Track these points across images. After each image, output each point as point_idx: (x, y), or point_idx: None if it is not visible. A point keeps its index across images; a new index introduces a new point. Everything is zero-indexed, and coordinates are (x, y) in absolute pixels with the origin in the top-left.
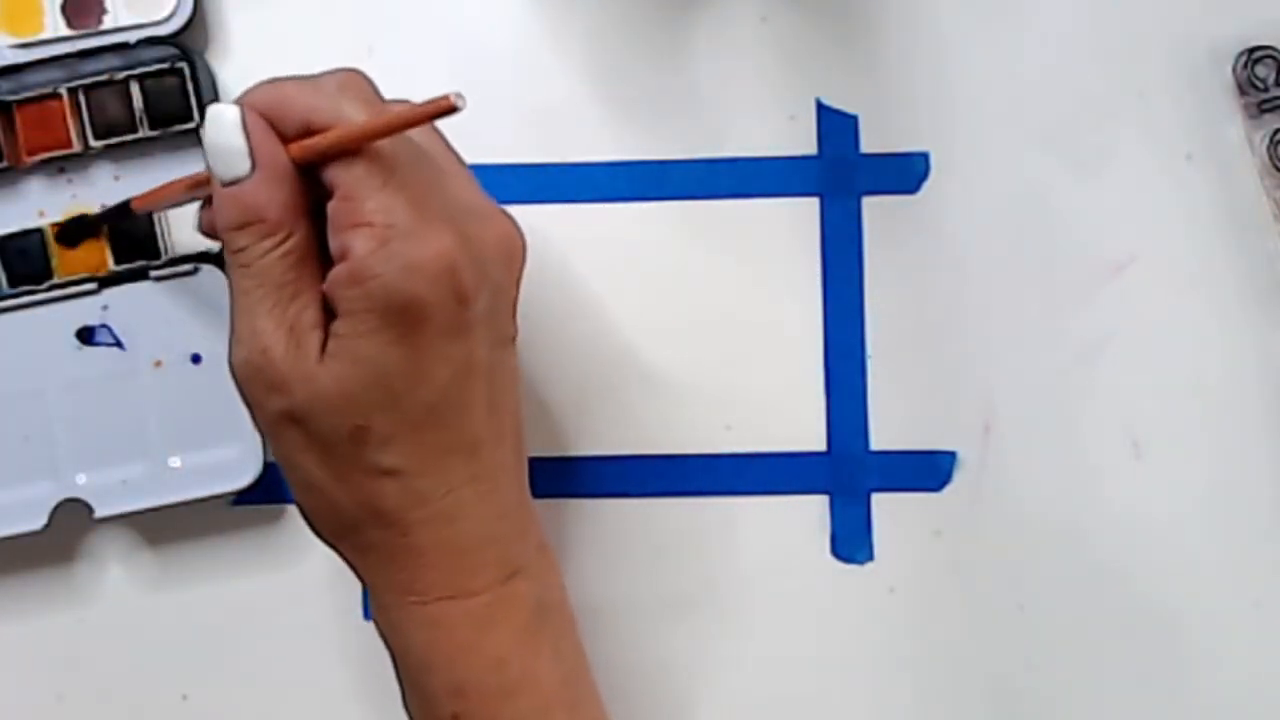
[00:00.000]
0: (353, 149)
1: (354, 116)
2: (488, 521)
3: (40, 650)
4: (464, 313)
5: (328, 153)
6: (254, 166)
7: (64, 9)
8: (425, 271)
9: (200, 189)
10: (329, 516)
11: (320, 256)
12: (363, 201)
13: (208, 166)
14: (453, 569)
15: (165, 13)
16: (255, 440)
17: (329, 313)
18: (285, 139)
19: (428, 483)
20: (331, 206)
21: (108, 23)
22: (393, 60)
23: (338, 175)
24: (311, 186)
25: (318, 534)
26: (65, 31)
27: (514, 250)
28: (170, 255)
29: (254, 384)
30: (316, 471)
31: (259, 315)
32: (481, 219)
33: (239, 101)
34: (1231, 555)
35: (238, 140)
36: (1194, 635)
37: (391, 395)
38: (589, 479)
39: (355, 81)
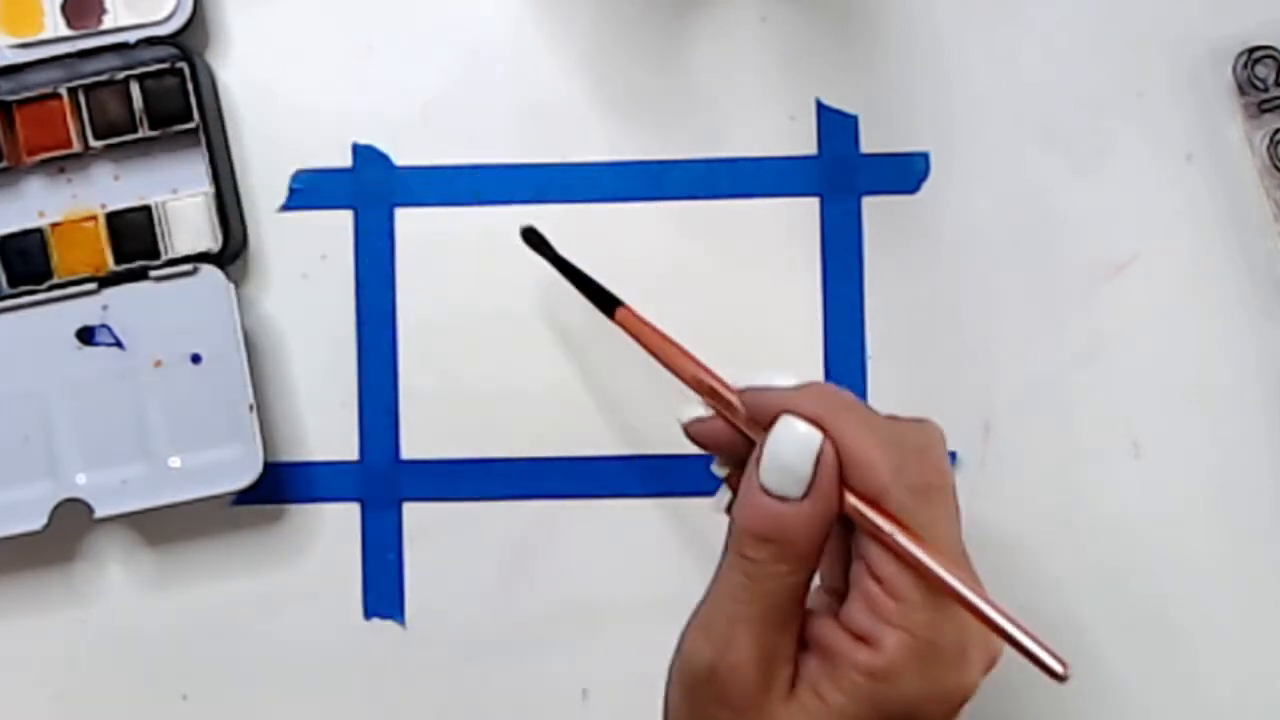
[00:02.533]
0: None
1: (927, 531)
2: None
3: (40, 650)
4: None
5: (889, 548)
6: (806, 497)
7: (64, 9)
8: (945, 699)
9: (713, 400)
10: None
11: (809, 587)
12: (913, 609)
13: (758, 461)
14: None
15: (165, 13)
16: (255, 441)
17: (801, 645)
18: (848, 485)
19: None
20: (867, 585)
21: (108, 23)
22: (393, 60)
23: (877, 556)
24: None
25: None
26: (65, 31)
27: (992, 665)
28: (169, 256)
29: (704, 689)
30: None
31: (738, 630)
32: (980, 634)
33: (823, 427)
34: (1231, 555)
35: (806, 468)
36: (1194, 635)
37: None
38: (589, 479)
39: (936, 480)
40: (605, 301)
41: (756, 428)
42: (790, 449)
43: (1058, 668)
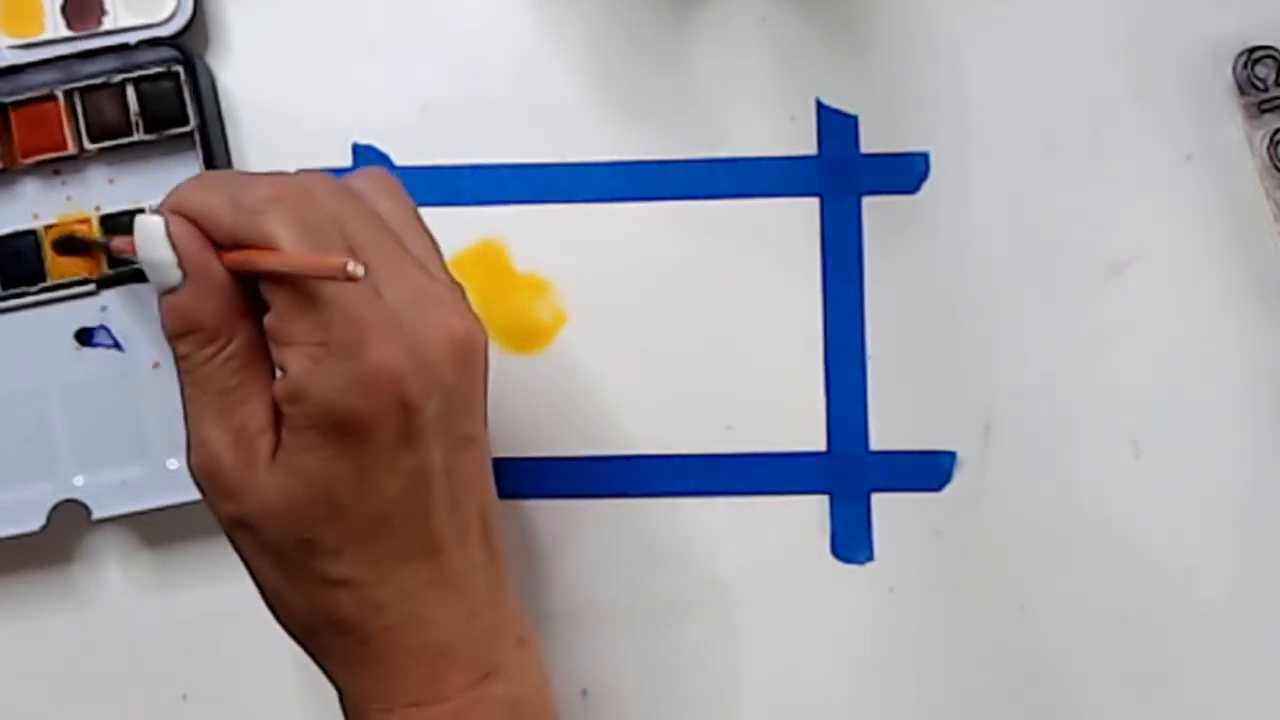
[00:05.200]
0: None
1: (278, 237)
2: (455, 625)
3: (39, 651)
4: (412, 422)
5: (254, 271)
6: (185, 276)
7: (64, 10)
8: (364, 387)
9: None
10: (288, 620)
11: (257, 355)
12: (292, 320)
13: (145, 271)
14: (418, 675)
15: (165, 14)
16: None
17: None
18: (218, 246)
19: (383, 591)
20: (266, 321)
21: (108, 24)
22: (393, 60)
23: (268, 290)
24: (253, 285)
25: (283, 629)
26: (65, 33)
27: (469, 349)
28: None
29: (208, 490)
30: (271, 576)
31: (206, 422)
32: (435, 316)
33: (163, 209)
34: (1231, 555)
35: (165, 252)
36: (1194, 635)
37: (336, 508)
38: (589, 479)
39: (287, 192)
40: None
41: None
42: (145, 241)
43: (351, 272)
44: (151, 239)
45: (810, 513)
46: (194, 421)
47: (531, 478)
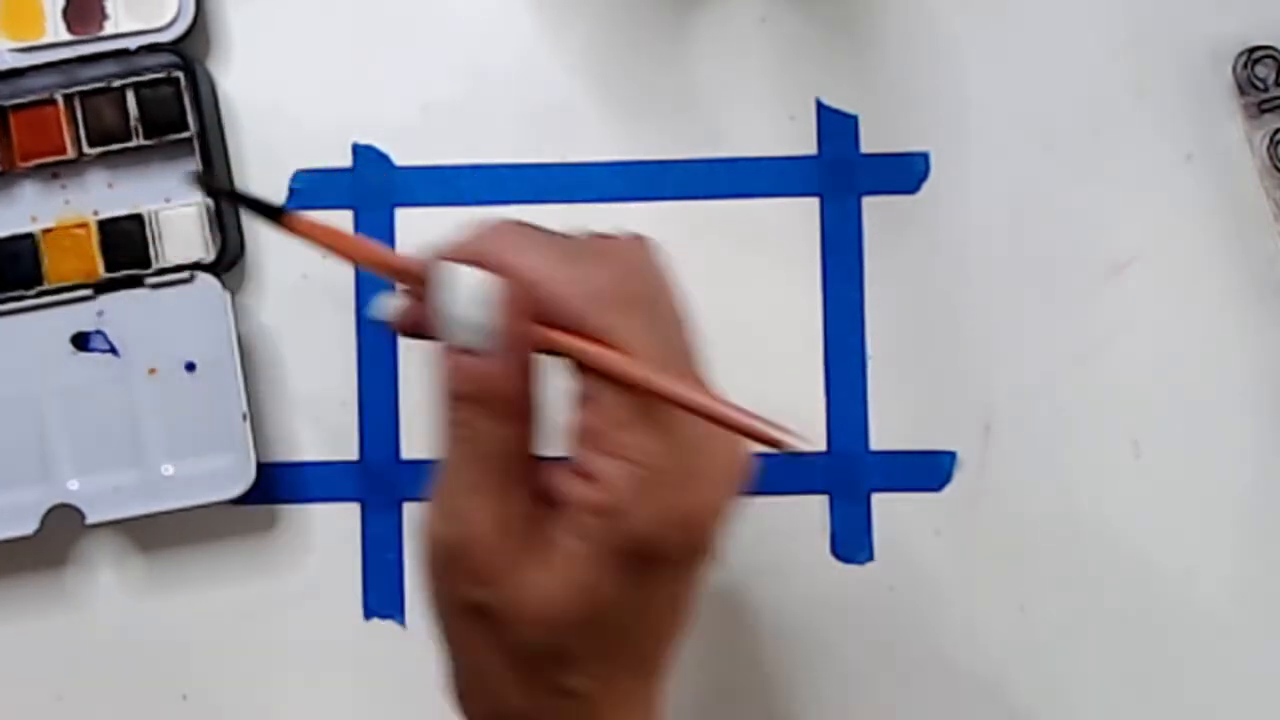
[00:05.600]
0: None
1: (632, 343)
2: None
3: (34, 654)
4: (702, 561)
5: (598, 371)
6: (495, 346)
7: (65, 14)
8: (685, 524)
9: (392, 274)
10: (487, 708)
11: (535, 436)
12: (627, 430)
13: (438, 319)
14: None
15: (166, 19)
16: (248, 450)
17: (542, 502)
18: (536, 317)
19: (607, 706)
20: (582, 418)
21: (108, 28)
22: (393, 61)
23: (589, 384)
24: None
25: (463, 711)
26: (66, 36)
27: (742, 476)
28: (160, 264)
29: (449, 568)
30: (494, 669)
31: (470, 497)
32: (729, 447)
33: (485, 262)
34: (1231, 555)
35: (481, 316)
36: (1193, 635)
37: (601, 625)
38: None
39: (636, 289)
40: (271, 213)
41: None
42: (458, 299)
43: (778, 435)
44: (466, 297)
45: (810, 513)
46: (453, 492)
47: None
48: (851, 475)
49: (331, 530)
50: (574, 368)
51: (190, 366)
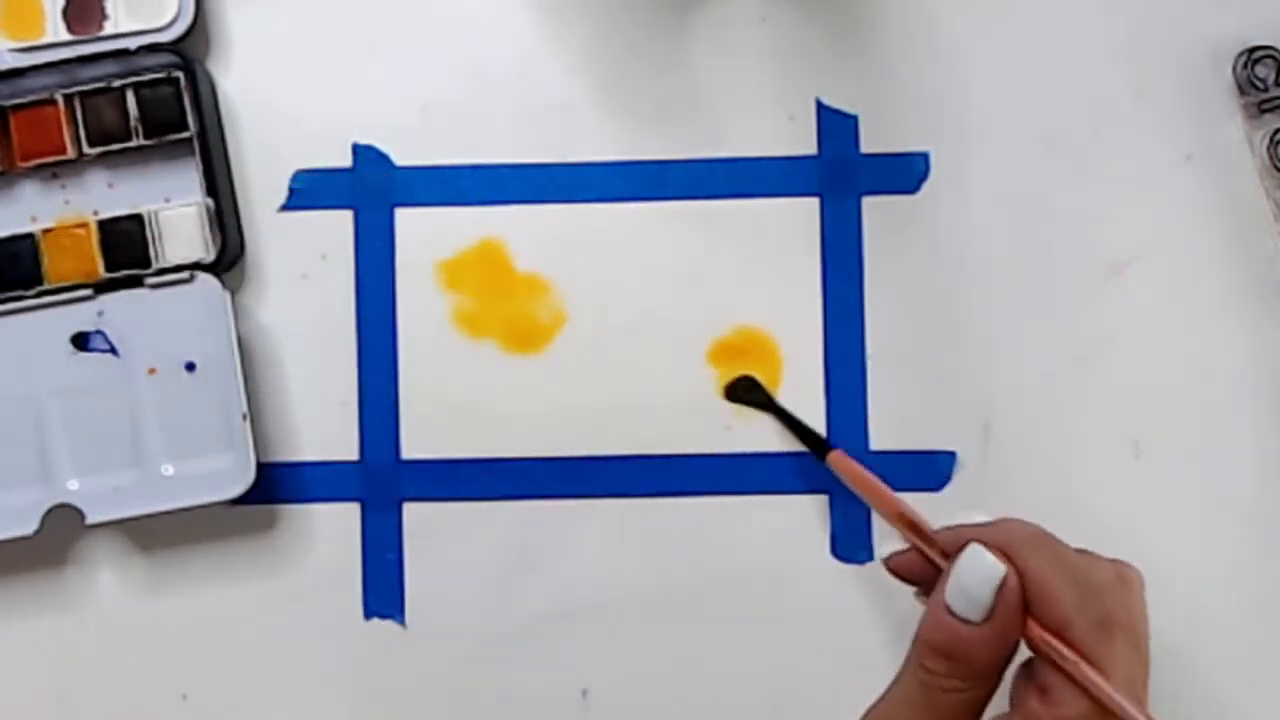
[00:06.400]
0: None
1: (1112, 668)
2: None
3: (33, 654)
4: None
5: (1067, 675)
6: (985, 622)
7: (65, 14)
8: None
9: (911, 532)
10: None
11: (984, 707)
12: None
13: (945, 581)
14: None
15: (166, 19)
16: (248, 450)
17: None
18: (1030, 612)
19: None
20: (1033, 705)
21: (109, 28)
22: (393, 61)
23: (1053, 681)
24: None
25: None
26: (66, 36)
27: None
28: (160, 264)
29: None
30: None
31: None
32: None
33: (1005, 559)
34: (1230, 555)
35: (987, 595)
36: (1194, 635)
37: None
38: (590, 479)
39: (1125, 617)
40: (818, 445)
41: (948, 560)
42: (974, 576)
43: None
44: (981, 577)
45: (810, 513)
46: (898, 715)
47: (531, 478)
48: None
49: (331, 530)
50: (1043, 662)
51: (190, 366)
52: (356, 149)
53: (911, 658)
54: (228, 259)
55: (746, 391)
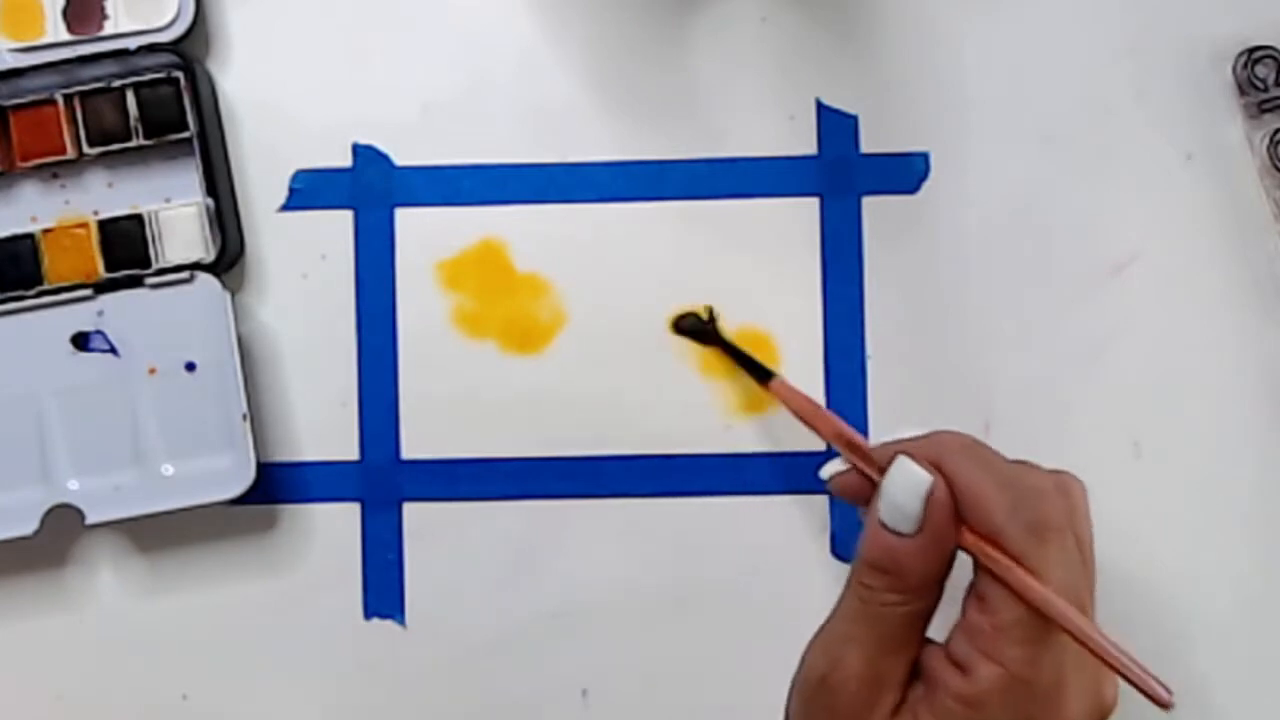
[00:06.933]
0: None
1: (1050, 575)
2: None
3: (33, 655)
4: None
5: (1002, 581)
6: (918, 533)
7: (65, 14)
8: None
9: (849, 451)
10: None
11: (928, 618)
12: (1005, 637)
13: (877, 497)
14: None
15: (166, 19)
16: (248, 450)
17: (913, 674)
18: (963, 520)
19: None
20: (971, 615)
21: (108, 29)
22: (393, 61)
23: (989, 589)
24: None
25: None
26: (65, 36)
27: (1103, 715)
28: (160, 264)
29: (815, 700)
30: None
31: (850, 649)
32: (1098, 685)
33: (933, 469)
34: (1231, 555)
35: (914, 505)
36: (1194, 635)
37: None
38: (590, 478)
39: (1059, 523)
40: (760, 373)
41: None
42: (902, 487)
43: (1164, 695)
44: (909, 488)
45: (810, 513)
46: (838, 639)
47: (531, 478)
48: None
49: (331, 530)
50: (980, 570)
51: (190, 366)
52: (356, 149)
53: (851, 574)
54: (228, 259)
55: (692, 326)
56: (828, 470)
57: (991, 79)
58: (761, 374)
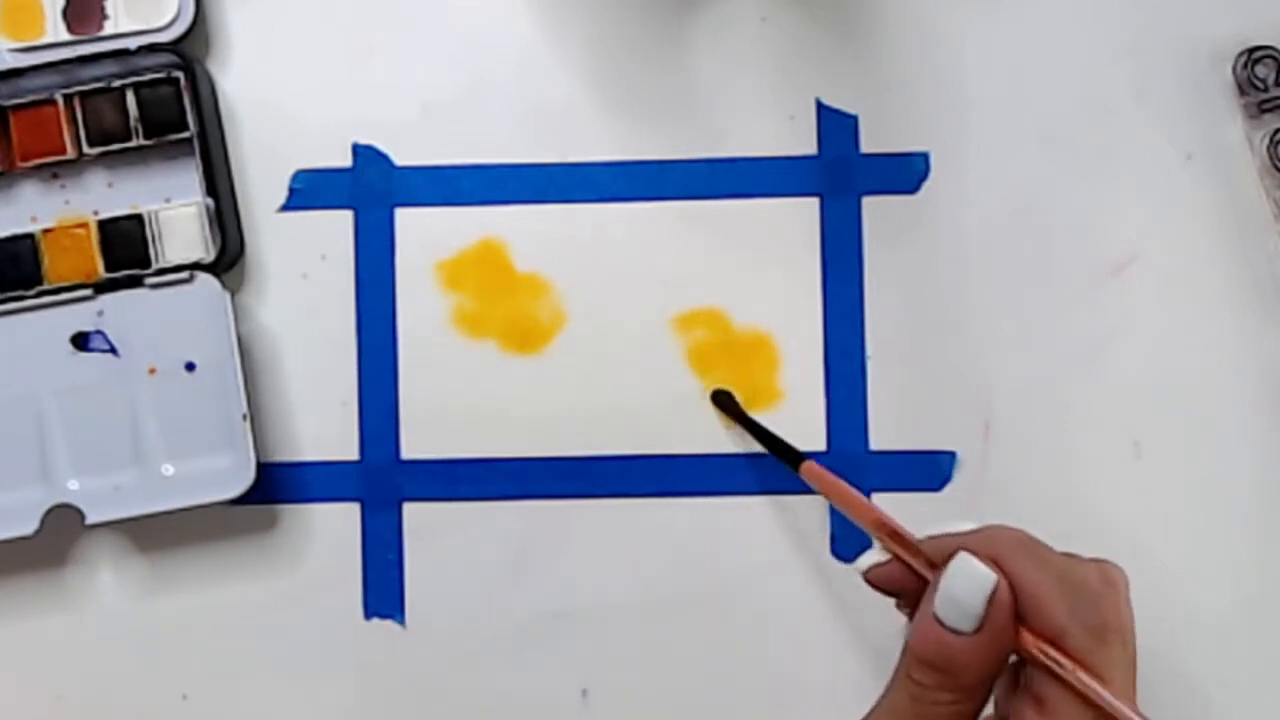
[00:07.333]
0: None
1: (1106, 670)
2: None
3: (33, 655)
4: None
5: (1064, 683)
6: (978, 633)
7: (65, 14)
8: None
9: (893, 542)
10: None
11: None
12: None
13: (934, 591)
14: None
15: (166, 19)
16: (248, 450)
17: None
18: (1021, 620)
19: None
20: (1029, 717)
21: (108, 29)
22: (393, 61)
23: (1049, 691)
24: None
25: None
26: (66, 36)
27: None
28: (160, 264)
29: None
30: None
31: None
32: None
33: (993, 566)
34: (1231, 555)
35: (978, 604)
36: (1194, 635)
37: None
38: (589, 479)
39: (1118, 621)
40: (791, 457)
41: (934, 570)
42: (964, 585)
43: None
44: (971, 586)
45: (810, 513)
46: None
47: (530, 478)
48: (851, 475)
49: (331, 530)
50: (1037, 671)
51: (190, 366)
52: (356, 149)
53: (900, 670)
54: (228, 259)
55: (722, 405)
56: (865, 562)
57: (991, 79)
58: (793, 458)
